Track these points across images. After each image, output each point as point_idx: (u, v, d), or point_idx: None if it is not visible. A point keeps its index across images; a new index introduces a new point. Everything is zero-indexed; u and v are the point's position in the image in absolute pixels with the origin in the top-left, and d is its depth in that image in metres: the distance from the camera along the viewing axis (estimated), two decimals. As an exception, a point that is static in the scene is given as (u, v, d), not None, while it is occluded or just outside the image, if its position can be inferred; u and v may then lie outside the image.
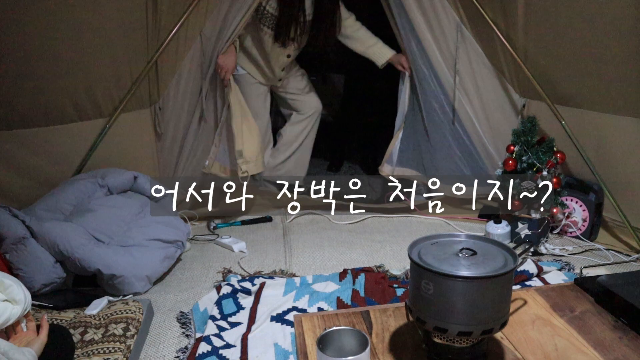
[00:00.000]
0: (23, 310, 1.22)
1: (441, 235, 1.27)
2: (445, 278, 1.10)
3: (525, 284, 1.88)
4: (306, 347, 1.37)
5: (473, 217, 2.63)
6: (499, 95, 2.54)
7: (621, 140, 2.13)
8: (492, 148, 2.60)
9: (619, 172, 2.17)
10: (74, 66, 2.09)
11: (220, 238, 2.42)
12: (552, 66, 2.27)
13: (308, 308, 1.78)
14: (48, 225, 1.88)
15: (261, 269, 2.15)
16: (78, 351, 1.47)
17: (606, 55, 2.03)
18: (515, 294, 1.57)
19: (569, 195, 2.34)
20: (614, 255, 2.18)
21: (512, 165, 2.30)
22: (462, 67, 2.49)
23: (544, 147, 2.27)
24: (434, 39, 2.48)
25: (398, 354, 1.31)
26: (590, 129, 2.22)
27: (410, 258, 1.17)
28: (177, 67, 2.41)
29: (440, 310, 1.12)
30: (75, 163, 2.25)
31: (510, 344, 1.33)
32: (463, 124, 2.61)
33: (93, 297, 1.80)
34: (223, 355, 1.54)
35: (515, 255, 1.16)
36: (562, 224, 2.36)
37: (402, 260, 2.18)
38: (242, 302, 1.85)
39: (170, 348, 1.65)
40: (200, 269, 2.17)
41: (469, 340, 1.17)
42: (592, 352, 1.29)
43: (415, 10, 2.43)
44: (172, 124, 2.49)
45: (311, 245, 2.38)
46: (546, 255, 2.21)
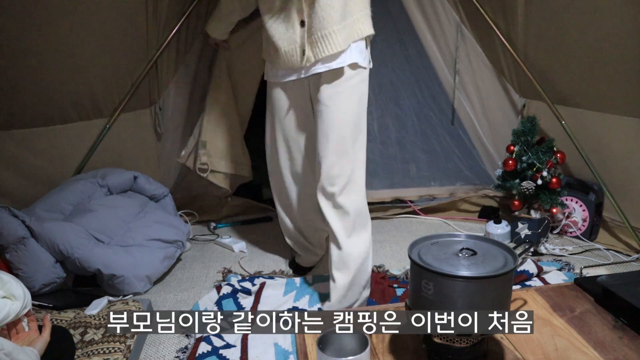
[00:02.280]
0: (22, 307, 1.22)
1: (441, 235, 1.27)
2: (445, 278, 1.10)
3: (525, 284, 1.88)
4: (306, 347, 1.37)
5: (473, 217, 2.63)
6: (499, 95, 2.54)
7: (621, 140, 2.13)
8: (492, 148, 2.60)
9: (619, 172, 2.17)
10: (74, 66, 2.09)
11: (220, 238, 2.42)
12: (552, 66, 2.27)
13: (308, 308, 1.79)
14: (48, 225, 1.88)
15: (261, 269, 2.15)
16: (78, 351, 1.47)
17: (606, 55, 2.03)
18: (515, 294, 1.57)
19: (569, 195, 2.34)
20: (614, 255, 2.18)
21: (512, 165, 2.30)
22: (462, 67, 2.49)
23: (544, 147, 2.27)
24: (434, 39, 2.48)
25: (398, 354, 1.31)
26: (590, 129, 2.22)
27: (410, 258, 1.17)
28: (177, 67, 2.41)
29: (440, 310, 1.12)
30: (75, 163, 2.25)
31: (510, 344, 1.33)
32: (463, 124, 2.62)
33: (93, 297, 1.80)
34: (223, 355, 1.55)
35: (515, 255, 1.16)
36: (562, 224, 2.36)
37: (402, 260, 2.18)
38: (243, 302, 1.85)
39: (170, 348, 1.65)
40: (200, 269, 2.17)
41: (469, 340, 1.17)
42: (592, 352, 1.29)
43: (415, 10, 2.43)
44: (172, 124, 2.49)
45: (311, 245, 2.38)
46: (546, 255, 2.21)
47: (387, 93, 2.61)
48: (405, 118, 2.66)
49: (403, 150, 2.67)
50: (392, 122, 2.64)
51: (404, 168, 2.67)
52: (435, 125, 2.64)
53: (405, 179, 2.67)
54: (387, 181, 2.64)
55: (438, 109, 2.62)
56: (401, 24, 2.50)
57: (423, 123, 2.64)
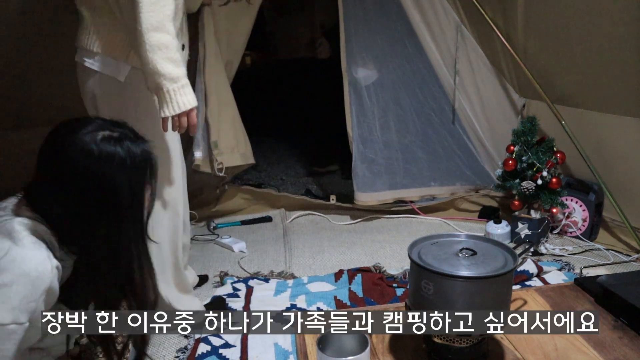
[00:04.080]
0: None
1: (441, 235, 1.27)
2: (445, 278, 1.10)
3: (525, 284, 1.88)
4: (306, 347, 1.37)
5: (473, 217, 2.63)
6: (499, 95, 2.54)
7: (621, 140, 2.13)
8: (492, 148, 2.61)
9: (619, 172, 2.17)
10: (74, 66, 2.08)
11: (220, 238, 2.42)
12: (552, 66, 2.27)
13: (307, 308, 1.79)
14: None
15: (261, 269, 2.15)
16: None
17: (606, 55, 2.03)
18: (515, 294, 1.57)
19: (569, 195, 2.34)
20: (614, 255, 2.18)
21: (512, 165, 2.30)
22: (462, 67, 2.49)
23: (544, 147, 2.27)
24: (433, 39, 2.48)
25: (398, 354, 1.31)
26: (590, 129, 2.22)
27: (410, 258, 1.17)
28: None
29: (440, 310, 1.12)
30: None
31: (510, 344, 1.33)
32: (463, 124, 2.62)
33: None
34: (223, 355, 1.55)
35: (515, 255, 1.16)
36: (562, 224, 2.36)
37: (401, 260, 2.18)
38: (234, 306, 1.85)
39: (170, 348, 1.65)
40: (200, 269, 2.17)
41: (468, 340, 1.17)
42: (592, 352, 1.29)
43: (414, 10, 2.43)
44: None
45: (311, 245, 2.38)
46: (546, 255, 2.21)
47: (387, 93, 2.61)
48: (406, 118, 2.66)
49: (404, 151, 2.67)
50: (394, 123, 2.64)
51: (405, 168, 2.67)
52: (436, 125, 2.64)
53: (405, 179, 2.67)
54: (389, 182, 2.64)
55: (438, 108, 2.63)
56: (401, 24, 2.50)
57: (424, 123, 2.65)
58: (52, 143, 1.08)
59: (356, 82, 2.55)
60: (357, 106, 2.56)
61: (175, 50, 1.34)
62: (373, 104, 2.59)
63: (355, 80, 2.55)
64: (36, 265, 0.99)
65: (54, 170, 1.06)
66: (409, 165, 2.68)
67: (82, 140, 1.05)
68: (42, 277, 1.00)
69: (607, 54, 2.03)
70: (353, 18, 2.53)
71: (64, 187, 1.06)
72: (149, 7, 1.28)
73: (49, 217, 1.06)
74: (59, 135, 1.07)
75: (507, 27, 2.31)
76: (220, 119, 2.42)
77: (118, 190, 1.08)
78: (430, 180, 2.69)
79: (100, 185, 1.06)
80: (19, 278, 0.98)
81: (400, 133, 2.66)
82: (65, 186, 1.06)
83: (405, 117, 2.67)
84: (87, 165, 1.05)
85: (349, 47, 2.52)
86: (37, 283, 0.99)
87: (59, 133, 1.08)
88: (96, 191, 1.06)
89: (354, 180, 2.58)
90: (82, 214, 1.07)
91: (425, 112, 2.63)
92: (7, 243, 1.00)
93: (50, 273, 1.01)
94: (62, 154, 1.05)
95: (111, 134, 1.08)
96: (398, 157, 2.66)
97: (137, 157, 1.10)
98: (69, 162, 1.05)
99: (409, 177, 2.68)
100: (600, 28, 2.01)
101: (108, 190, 1.07)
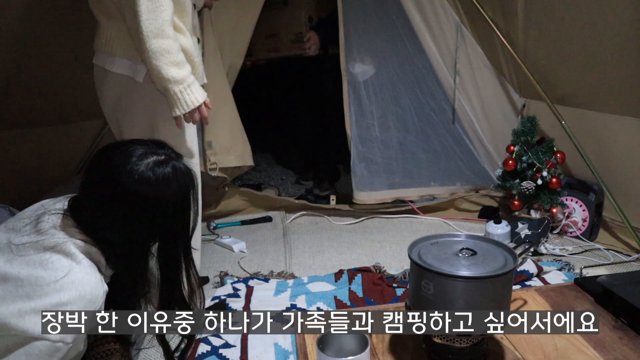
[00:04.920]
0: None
1: (441, 235, 1.27)
2: (445, 278, 1.10)
3: (525, 284, 1.88)
4: (306, 347, 1.37)
5: (473, 217, 2.63)
6: (499, 95, 2.54)
7: (621, 140, 2.13)
8: (492, 148, 2.61)
9: (619, 172, 2.17)
10: (74, 66, 2.09)
11: (220, 238, 2.42)
12: (552, 66, 2.27)
13: (307, 308, 1.79)
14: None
15: (261, 269, 2.15)
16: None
17: (606, 55, 2.03)
18: (515, 294, 1.57)
19: (569, 195, 2.34)
20: (614, 255, 2.18)
21: (512, 165, 2.30)
22: (462, 67, 2.49)
23: (544, 147, 2.27)
24: (433, 39, 2.48)
25: (398, 354, 1.31)
26: (590, 129, 2.22)
27: (410, 258, 1.17)
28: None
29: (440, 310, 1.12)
30: (75, 163, 2.25)
31: (510, 344, 1.33)
32: (463, 124, 2.62)
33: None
34: (223, 355, 1.54)
35: (515, 255, 1.16)
36: (562, 224, 2.36)
37: (401, 260, 2.18)
38: (234, 306, 1.85)
39: (170, 348, 1.65)
40: (199, 269, 2.17)
41: (468, 340, 1.17)
42: (592, 352, 1.29)
43: (414, 10, 2.43)
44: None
45: (311, 245, 2.38)
46: (546, 255, 2.21)
47: (387, 93, 2.61)
48: (405, 118, 2.66)
49: (404, 150, 2.67)
50: (393, 123, 2.64)
51: (405, 168, 2.67)
52: (435, 125, 2.64)
53: (405, 179, 2.67)
54: (388, 181, 2.64)
55: (438, 108, 2.62)
56: (401, 24, 2.50)
57: (423, 122, 2.64)
58: (106, 173, 1.11)
59: (354, 79, 2.55)
60: (355, 106, 2.56)
61: (177, 51, 1.39)
62: (372, 103, 2.58)
63: (353, 77, 2.55)
64: (92, 289, 1.03)
65: (111, 199, 1.10)
66: (408, 165, 2.68)
67: (137, 170, 1.09)
68: (95, 300, 1.04)
69: (607, 54, 2.03)
70: (353, 18, 2.53)
71: (121, 214, 1.10)
72: (148, 15, 1.33)
73: (100, 240, 1.10)
74: (112, 167, 1.10)
75: (507, 27, 2.31)
76: (217, 119, 2.40)
77: (171, 210, 1.13)
78: (430, 180, 2.69)
79: (156, 208, 1.11)
80: (76, 299, 1.01)
81: (399, 133, 2.66)
82: (123, 213, 1.10)
83: (405, 117, 2.67)
84: (146, 192, 1.09)
85: (348, 47, 2.52)
86: (89, 306, 1.03)
87: (112, 164, 1.10)
88: (152, 214, 1.11)
89: (352, 179, 2.59)
90: (137, 238, 1.13)
91: (425, 112, 2.63)
92: (68, 263, 1.04)
93: (102, 297, 1.05)
94: (121, 185, 1.08)
95: (158, 158, 1.12)
96: (397, 157, 2.66)
97: (184, 175, 1.15)
98: (129, 193, 1.09)
99: (408, 176, 2.68)
100: (600, 28, 2.01)
101: (163, 211, 1.12)
